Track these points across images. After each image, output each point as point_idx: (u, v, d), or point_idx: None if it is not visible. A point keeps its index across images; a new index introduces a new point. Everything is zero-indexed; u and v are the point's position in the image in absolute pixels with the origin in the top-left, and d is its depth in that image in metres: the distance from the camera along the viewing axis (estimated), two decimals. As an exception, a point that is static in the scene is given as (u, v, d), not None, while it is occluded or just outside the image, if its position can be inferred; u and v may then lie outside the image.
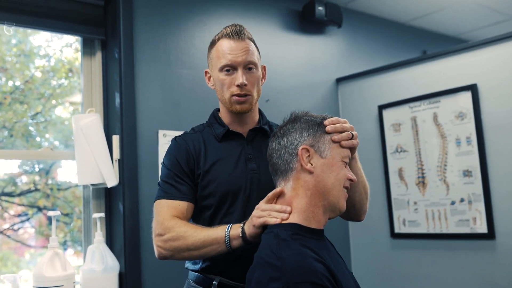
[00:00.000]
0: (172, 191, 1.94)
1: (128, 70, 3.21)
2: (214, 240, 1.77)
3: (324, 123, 1.74)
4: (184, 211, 1.92)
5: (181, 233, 1.81)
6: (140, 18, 3.33)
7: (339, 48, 4.50)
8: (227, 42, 1.97)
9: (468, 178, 3.48)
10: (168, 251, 1.85)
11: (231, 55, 1.94)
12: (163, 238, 1.84)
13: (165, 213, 1.89)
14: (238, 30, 1.98)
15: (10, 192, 3.26)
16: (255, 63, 1.98)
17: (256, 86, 2.00)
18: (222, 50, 1.97)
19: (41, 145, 3.31)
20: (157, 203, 1.95)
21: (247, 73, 1.96)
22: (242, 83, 1.93)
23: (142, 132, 3.23)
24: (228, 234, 1.76)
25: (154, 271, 3.16)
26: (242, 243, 1.75)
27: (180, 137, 2.06)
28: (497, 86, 3.39)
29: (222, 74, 1.97)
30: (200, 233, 1.80)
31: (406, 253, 3.84)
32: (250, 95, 1.97)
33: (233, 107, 1.99)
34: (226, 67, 1.96)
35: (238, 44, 1.96)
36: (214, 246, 1.78)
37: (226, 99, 1.99)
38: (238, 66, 1.95)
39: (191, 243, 1.79)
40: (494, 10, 4.97)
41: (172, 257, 1.86)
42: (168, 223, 1.85)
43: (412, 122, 3.80)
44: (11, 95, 3.23)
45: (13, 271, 3.21)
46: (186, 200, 1.94)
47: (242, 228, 1.75)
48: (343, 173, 1.71)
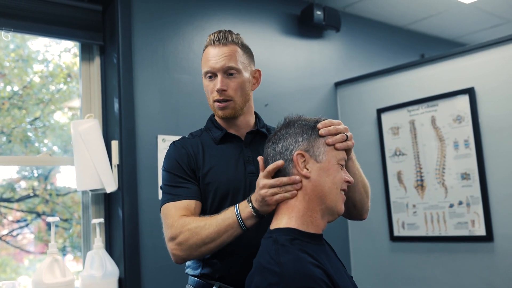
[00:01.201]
0: (177, 192, 1.93)
1: (127, 75, 3.21)
2: (228, 226, 1.76)
3: (317, 127, 1.74)
4: (192, 209, 1.90)
5: (193, 230, 1.79)
6: (139, 23, 3.34)
7: (338, 52, 4.51)
8: (211, 48, 2.00)
9: (466, 181, 3.49)
10: (185, 251, 1.82)
11: (211, 61, 1.97)
12: (177, 240, 1.82)
13: (173, 215, 1.87)
14: (221, 36, 2.00)
15: (9, 198, 3.26)
16: (235, 68, 1.97)
17: (240, 91, 1.99)
18: (205, 56, 2.01)
19: (39, 150, 3.31)
20: (163, 208, 1.93)
21: (227, 79, 1.97)
22: (219, 88, 1.95)
23: (141, 137, 3.23)
24: (240, 217, 1.75)
25: (154, 276, 3.16)
26: (256, 220, 1.75)
27: (179, 141, 2.06)
28: (494, 90, 3.40)
29: (206, 80, 2.01)
30: (211, 224, 1.78)
31: (406, 256, 3.85)
32: (231, 100, 1.97)
33: (216, 113, 2.02)
34: (208, 73, 1.99)
35: (219, 50, 1.98)
36: (230, 231, 1.76)
37: (211, 105, 2.02)
38: (217, 72, 1.97)
39: (206, 236, 1.77)
40: (491, 13, 4.98)
41: (190, 256, 1.84)
42: (177, 223, 1.83)
43: (411, 126, 3.81)
44: (9, 101, 3.23)
45: (12, 277, 3.20)
46: (193, 198, 1.92)
47: (252, 207, 1.74)
48: (339, 176, 1.71)
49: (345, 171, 1.76)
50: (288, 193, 1.67)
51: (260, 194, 1.71)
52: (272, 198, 1.68)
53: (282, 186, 1.68)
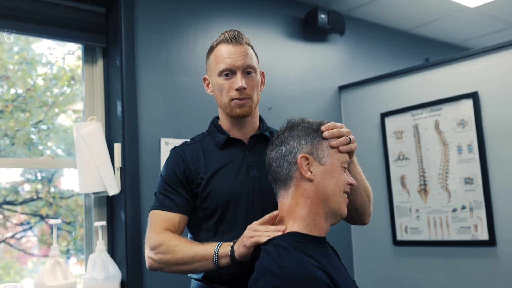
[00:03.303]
0: (167, 203, 1.96)
1: (130, 78, 3.21)
2: (203, 257, 1.78)
3: (321, 129, 1.74)
4: (176, 223, 1.94)
5: (172, 247, 1.83)
6: (142, 25, 3.34)
7: (342, 56, 4.50)
8: (225, 46, 1.98)
9: (470, 185, 3.48)
10: (158, 263, 1.87)
11: (230, 59, 1.95)
12: (154, 251, 1.86)
13: (157, 225, 1.92)
14: (236, 35, 1.99)
15: (12, 201, 3.26)
16: (254, 67, 1.98)
17: (256, 91, 2.00)
18: (220, 55, 1.98)
19: (43, 153, 3.31)
20: (151, 213, 1.98)
21: (246, 77, 1.96)
22: (242, 86, 1.93)
23: (144, 140, 3.23)
24: (217, 252, 1.76)
25: (156, 279, 3.15)
26: (229, 262, 1.75)
27: (179, 148, 2.06)
28: (498, 94, 3.39)
29: (221, 78, 1.98)
30: (190, 248, 1.81)
31: (408, 260, 3.84)
32: (250, 98, 1.97)
33: (233, 111, 1.98)
34: (225, 71, 1.96)
35: (236, 48, 1.96)
36: (203, 262, 1.78)
37: (225, 104, 1.99)
38: (237, 70, 1.95)
39: (180, 258, 1.81)
40: (495, 18, 4.97)
41: (162, 269, 1.88)
42: (159, 236, 1.87)
43: (414, 130, 3.80)
44: (13, 103, 3.23)
45: (15, 279, 3.20)
46: (179, 212, 1.95)
47: (231, 247, 1.74)
48: (342, 178, 1.71)
49: (348, 174, 1.76)
50: (263, 238, 1.66)
51: (242, 236, 1.72)
52: (249, 240, 1.68)
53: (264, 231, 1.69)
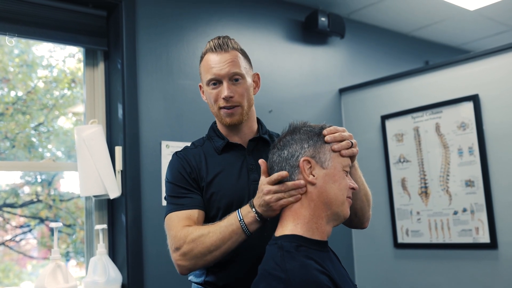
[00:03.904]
0: (181, 202, 1.92)
1: (131, 81, 3.21)
2: (232, 232, 1.75)
3: (323, 133, 1.74)
4: (195, 219, 1.89)
5: (197, 239, 1.78)
6: (143, 29, 3.34)
7: (342, 59, 4.51)
8: (211, 55, 1.98)
9: (471, 188, 3.48)
10: (189, 261, 1.81)
11: (215, 68, 1.95)
12: (181, 251, 1.81)
13: (176, 226, 1.86)
14: (221, 42, 1.98)
15: (12, 203, 3.26)
16: (240, 73, 1.97)
17: (246, 96, 1.99)
18: (207, 64, 1.98)
19: (43, 156, 3.31)
20: (167, 218, 1.92)
21: (233, 85, 1.96)
22: (227, 96, 1.94)
23: (145, 143, 3.23)
24: (243, 222, 1.74)
25: (157, 283, 3.15)
26: (259, 224, 1.75)
27: (181, 152, 2.05)
28: (499, 97, 3.39)
29: (209, 88, 1.98)
30: (214, 231, 1.77)
31: (409, 263, 3.83)
32: (239, 105, 1.97)
33: (223, 120, 1.99)
34: (212, 81, 1.97)
35: (221, 57, 1.96)
36: (234, 237, 1.75)
37: (216, 113, 2.01)
38: (222, 79, 1.95)
39: (210, 244, 1.76)
40: (495, 21, 4.98)
41: (196, 265, 1.82)
42: (181, 234, 1.82)
43: (415, 132, 3.80)
44: (13, 106, 3.23)
45: (15, 282, 3.20)
46: (196, 208, 1.92)
47: (255, 212, 1.73)
48: (345, 182, 1.70)
49: (349, 178, 1.75)
50: (293, 198, 1.66)
51: (265, 200, 1.70)
52: (277, 203, 1.68)
53: (286, 191, 1.67)
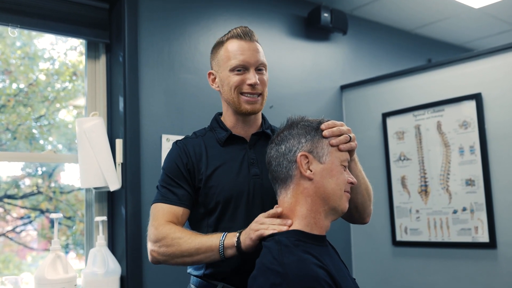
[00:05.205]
0: (169, 196, 1.94)
1: (132, 74, 3.21)
2: (208, 248, 1.77)
3: (320, 128, 1.74)
4: (179, 216, 1.93)
5: (176, 239, 1.82)
6: (145, 22, 3.34)
7: (344, 55, 4.50)
8: (237, 42, 1.97)
9: (471, 187, 3.47)
10: (162, 256, 1.86)
11: (243, 56, 1.95)
12: (158, 244, 1.85)
13: (160, 218, 1.90)
14: (248, 31, 2.00)
15: (13, 195, 3.27)
16: (265, 64, 2.00)
17: (266, 87, 2.01)
18: (232, 50, 1.97)
19: (44, 148, 3.32)
20: (153, 206, 1.97)
21: (258, 74, 1.97)
22: (255, 82, 1.94)
23: (145, 136, 3.24)
24: (222, 243, 1.76)
25: (156, 275, 3.15)
26: (236, 252, 1.75)
27: (181, 141, 2.05)
28: (501, 96, 3.38)
29: (233, 73, 1.96)
30: (194, 239, 1.80)
31: (408, 261, 3.83)
32: (261, 94, 1.98)
33: (242, 107, 1.97)
34: (238, 67, 1.95)
35: (249, 45, 1.97)
36: (208, 253, 1.78)
37: (234, 100, 1.98)
38: (250, 67, 1.95)
39: (185, 250, 1.80)
40: (499, 19, 4.97)
41: (166, 262, 1.87)
42: (163, 228, 1.86)
43: (416, 130, 3.79)
44: (15, 98, 3.24)
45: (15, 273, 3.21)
46: (182, 205, 1.94)
47: (237, 238, 1.74)
48: (342, 177, 1.71)
49: (348, 172, 1.75)
50: (268, 230, 1.67)
51: (249, 228, 1.73)
52: (255, 233, 1.69)
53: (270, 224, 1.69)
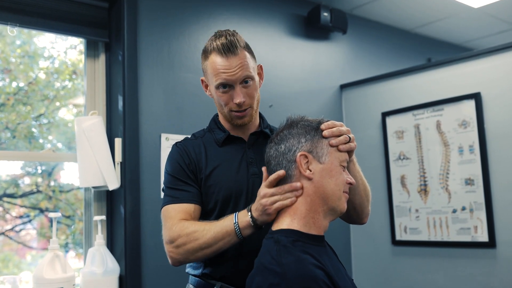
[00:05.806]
0: (178, 195, 1.92)
1: (132, 73, 3.21)
2: (225, 234, 1.76)
3: (320, 128, 1.73)
4: (192, 213, 1.90)
5: (191, 234, 1.80)
6: (145, 21, 3.33)
7: (344, 55, 4.50)
8: (219, 59, 1.89)
9: (470, 186, 3.47)
10: (181, 255, 1.83)
11: (226, 74, 1.88)
12: (174, 244, 1.83)
13: (172, 219, 1.88)
14: (229, 44, 1.89)
15: (12, 194, 3.26)
16: (250, 76, 1.92)
17: (255, 96, 1.97)
18: (215, 67, 1.90)
19: (43, 146, 3.31)
20: (164, 210, 1.93)
21: (244, 88, 1.92)
22: (240, 102, 1.90)
23: (144, 135, 3.23)
24: (237, 225, 1.75)
25: (155, 274, 3.15)
26: (253, 230, 1.75)
27: (181, 143, 2.05)
28: (500, 95, 3.38)
29: (219, 91, 1.93)
30: (209, 230, 1.78)
31: (407, 260, 3.83)
32: (250, 107, 1.96)
33: (233, 121, 1.98)
34: (221, 85, 1.91)
35: (231, 61, 1.88)
36: (226, 239, 1.76)
37: (225, 114, 1.98)
38: (234, 84, 1.90)
39: (203, 242, 1.78)
40: (499, 19, 4.97)
41: (187, 260, 1.85)
42: (176, 227, 1.84)
43: (415, 130, 3.79)
44: (14, 96, 3.23)
45: (14, 272, 3.21)
46: (193, 202, 1.92)
47: (250, 216, 1.73)
48: (342, 178, 1.70)
49: (347, 173, 1.75)
50: (287, 201, 1.66)
51: (261, 204, 1.70)
52: (272, 207, 1.68)
53: (282, 194, 1.68)
